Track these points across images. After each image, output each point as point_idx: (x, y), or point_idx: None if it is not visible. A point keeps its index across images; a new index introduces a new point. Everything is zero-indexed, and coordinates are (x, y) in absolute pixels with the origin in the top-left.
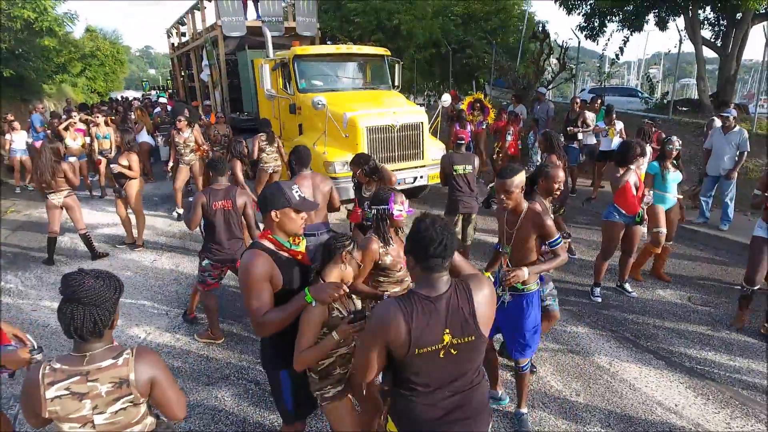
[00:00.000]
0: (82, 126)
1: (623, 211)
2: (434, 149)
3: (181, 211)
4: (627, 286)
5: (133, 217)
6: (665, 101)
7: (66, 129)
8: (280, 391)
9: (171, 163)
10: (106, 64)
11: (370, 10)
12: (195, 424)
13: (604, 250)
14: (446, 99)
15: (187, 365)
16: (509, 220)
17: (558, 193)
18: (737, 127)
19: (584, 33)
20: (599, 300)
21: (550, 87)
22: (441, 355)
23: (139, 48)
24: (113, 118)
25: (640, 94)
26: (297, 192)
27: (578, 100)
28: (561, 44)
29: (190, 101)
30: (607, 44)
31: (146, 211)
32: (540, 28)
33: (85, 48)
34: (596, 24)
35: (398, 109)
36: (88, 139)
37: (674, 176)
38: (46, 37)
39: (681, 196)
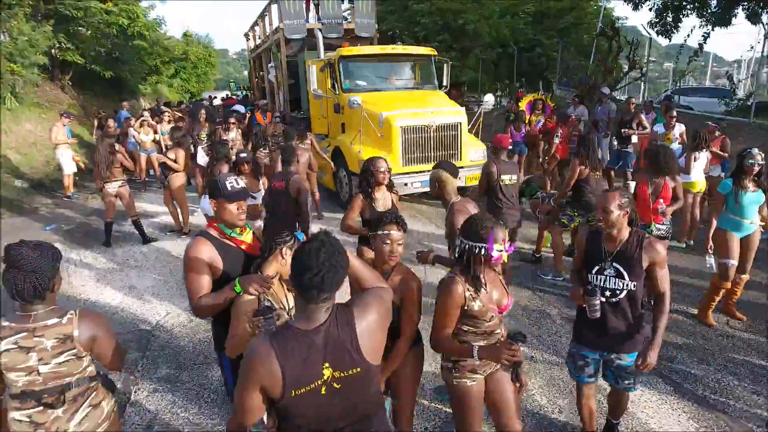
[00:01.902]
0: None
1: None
2: (473, 150)
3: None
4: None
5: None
6: (748, 103)
7: (141, 125)
8: (223, 371)
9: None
10: (198, 66)
11: (436, 10)
12: (179, 397)
13: None
14: (488, 99)
15: (190, 345)
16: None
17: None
18: None
19: (656, 30)
20: None
21: (618, 87)
22: (323, 392)
23: (236, 51)
24: (181, 116)
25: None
26: (231, 183)
27: (633, 101)
28: (631, 41)
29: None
30: (686, 39)
31: (193, 204)
32: (609, 25)
33: (175, 51)
34: (669, 19)
35: (436, 109)
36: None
37: (753, 197)
38: (137, 41)
39: (763, 223)
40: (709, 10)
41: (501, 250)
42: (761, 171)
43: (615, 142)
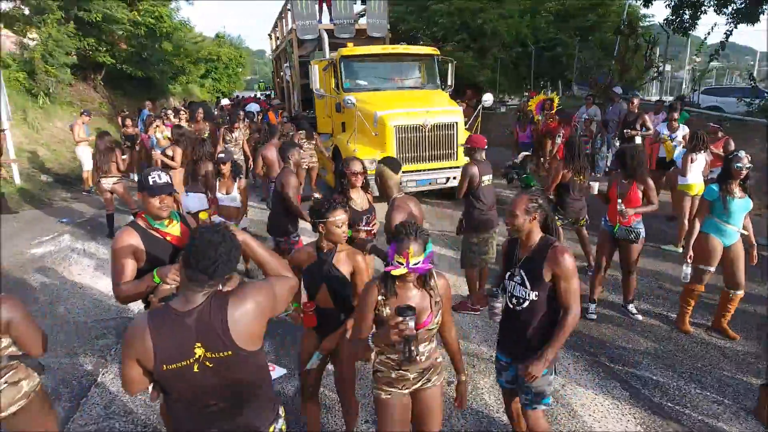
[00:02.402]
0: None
1: (608, 219)
2: None
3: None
4: (631, 307)
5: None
6: None
7: (152, 124)
8: None
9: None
10: (230, 67)
11: (455, 10)
12: None
13: (594, 259)
14: (487, 99)
15: None
16: None
17: None
18: None
19: (672, 27)
20: (594, 317)
21: (641, 84)
22: (195, 369)
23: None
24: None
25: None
26: (154, 178)
27: (635, 100)
28: (648, 39)
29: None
30: (707, 37)
31: None
32: (629, 23)
33: (200, 52)
34: (686, 16)
35: (432, 109)
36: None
37: (740, 204)
38: (164, 41)
39: (747, 232)
40: (734, 6)
41: (401, 264)
42: (748, 175)
43: (617, 143)
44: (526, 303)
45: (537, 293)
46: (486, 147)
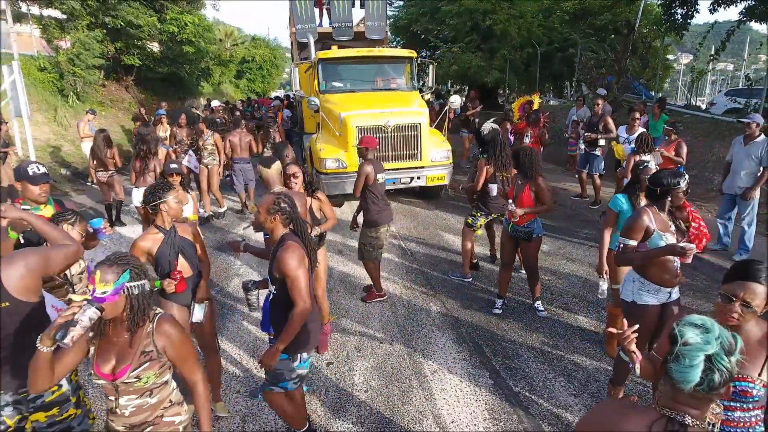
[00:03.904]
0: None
1: (507, 217)
2: (435, 150)
3: (220, 209)
4: (537, 304)
5: None
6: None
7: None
8: None
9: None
10: (264, 68)
11: (465, 11)
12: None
13: (500, 257)
14: (454, 100)
15: None
16: None
17: None
18: (762, 137)
19: (664, 27)
20: (498, 312)
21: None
22: None
23: None
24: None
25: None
26: (33, 169)
27: (599, 101)
28: (644, 40)
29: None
30: (705, 36)
31: None
32: (623, 22)
33: (225, 54)
34: (678, 15)
35: (396, 110)
36: None
37: None
38: (186, 46)
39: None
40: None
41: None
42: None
43: (582, 145)
44: (271, 296)
45: (275, 288)
46: (375, 147)
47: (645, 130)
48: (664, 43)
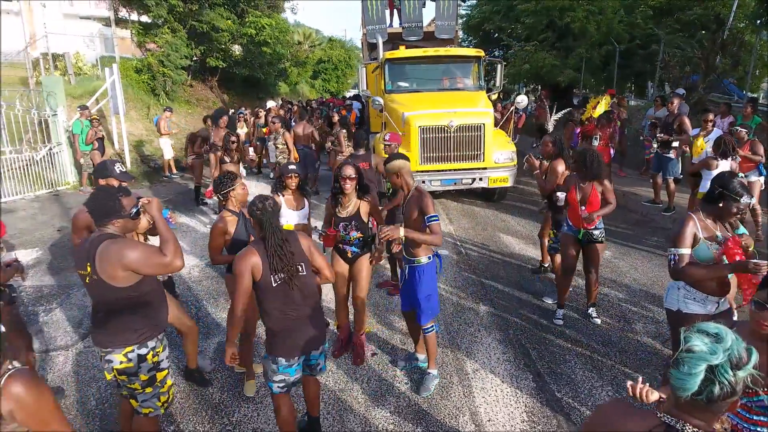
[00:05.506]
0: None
1: (570, 222)
2: (499, 152)
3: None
4: (591, 311)
5: None
6: None
7: (237, 120)
8: None
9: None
10: (339, 68)
11: (542, 9)
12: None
13: (560, 264)
14: (521, 100)
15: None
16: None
17: None
18: None
19: (759, 21)
20: (560, 323)
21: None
22: (87, 281)
23: None
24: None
25: None
26: (119, 167)
27: (675, 100)
28: (735, 37)
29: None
30: None
31: None
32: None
33: (308, 55)
34: None
35: (460, 110)
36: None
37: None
38: (263, 47)
39: None
40: None
41: None
42: None
43: (655, 145)
44: None
45: None
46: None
47: (721, 132)
48: (760, 38)
